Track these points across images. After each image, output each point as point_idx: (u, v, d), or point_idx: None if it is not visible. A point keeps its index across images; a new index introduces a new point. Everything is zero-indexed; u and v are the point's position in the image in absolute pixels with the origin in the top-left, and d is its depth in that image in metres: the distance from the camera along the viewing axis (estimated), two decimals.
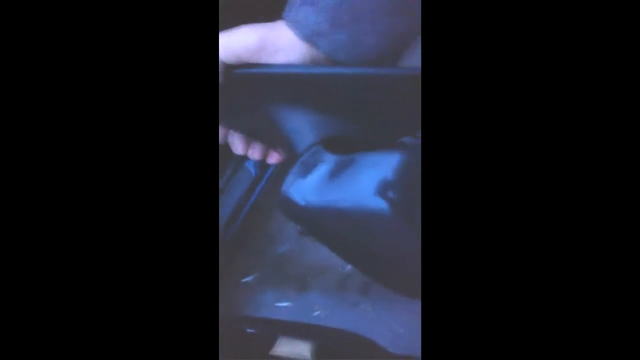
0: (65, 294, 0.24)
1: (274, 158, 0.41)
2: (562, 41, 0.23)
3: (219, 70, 0.32)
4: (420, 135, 0.28)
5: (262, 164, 0.50)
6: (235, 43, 0.32)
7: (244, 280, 0.55)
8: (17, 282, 0.24)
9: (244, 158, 0.45)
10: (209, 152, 0.26)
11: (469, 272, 0.23)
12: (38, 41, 0.24)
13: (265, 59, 0.32)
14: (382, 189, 0.32)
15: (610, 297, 0.22)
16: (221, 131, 0.39)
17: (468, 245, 0.23)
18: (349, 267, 0.55)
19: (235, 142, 0.40)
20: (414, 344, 0.52)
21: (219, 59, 0.32)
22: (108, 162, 0.25)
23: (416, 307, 0.56)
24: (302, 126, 0.36)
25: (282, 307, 0.53)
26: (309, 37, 0.30)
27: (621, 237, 0.22)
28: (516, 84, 0.23)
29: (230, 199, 0.53)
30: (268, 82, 0.33)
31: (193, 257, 0.25)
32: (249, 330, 0.49)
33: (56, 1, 0.24)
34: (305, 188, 0.35)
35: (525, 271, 0.23)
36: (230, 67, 0.32)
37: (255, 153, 0.40)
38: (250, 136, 0.40)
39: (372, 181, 0.33)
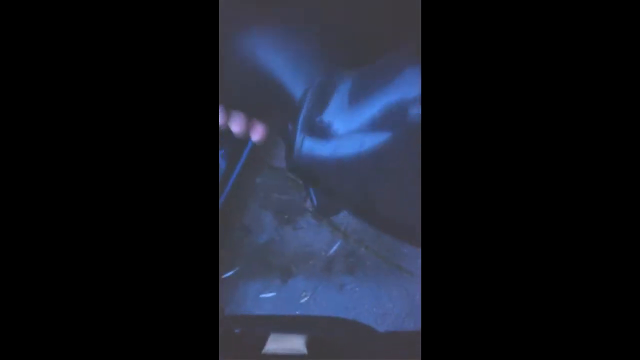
0: (62, 294, 0.24)
1: (258, 133, 0.37)
2: (562, 24, 0.22)
3: None
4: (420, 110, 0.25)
5: (232, 157, 0.47)
6: None
7: (225, 275, 0.53)
8: (10, 276, 0.23)
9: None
10: (208, 147, 0.25)
11: (471, 222, 0.22)
12: (37, 28, 0.23)
13: None
14: (404, 107, 0.29)
15: (604, 276, 0.22)
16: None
17: (470, 186, 0.23)
18: (332, 250, 0.53)
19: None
20: (403, 319, 0.52)
21: None
22: (106, 161, 0.24)
23: (405, 282, 0.55)
24: (296, 66, 0.32)
25: (268, 298, 0.51)
26: None
27: (621, 230, 0.22)
28: (516, 38, 0.23)
29: None
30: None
31: (192, 256, 0.24)
32: (236, 330, 0.47)
33: None
34: (324, 136, 0.31)
35: (531, 240, 0.22)
36: None
37: (237, 125, 0.36)
38: (235, 102, 0.36)
39: (388, 100, 0.28)
